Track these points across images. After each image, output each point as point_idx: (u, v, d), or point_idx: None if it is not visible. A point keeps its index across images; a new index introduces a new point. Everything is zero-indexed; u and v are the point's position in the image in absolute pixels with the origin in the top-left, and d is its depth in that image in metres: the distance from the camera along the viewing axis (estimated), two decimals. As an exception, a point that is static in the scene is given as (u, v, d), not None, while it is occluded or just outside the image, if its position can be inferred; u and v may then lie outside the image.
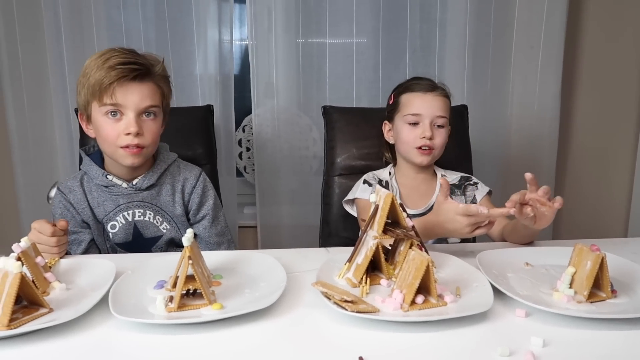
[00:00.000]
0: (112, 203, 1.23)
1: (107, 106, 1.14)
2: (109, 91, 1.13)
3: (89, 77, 1.14)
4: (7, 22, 1.86)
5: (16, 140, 1.94)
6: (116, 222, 1.24)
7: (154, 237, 1.26)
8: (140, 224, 1.25)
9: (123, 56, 1.15)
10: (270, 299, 0.81)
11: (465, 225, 0.99)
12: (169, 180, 1.27)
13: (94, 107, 1.16)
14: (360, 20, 1.94)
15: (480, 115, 1.97)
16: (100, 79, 1.12)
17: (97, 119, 1.17)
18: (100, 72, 1.13)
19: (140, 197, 1.24)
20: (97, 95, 1.14)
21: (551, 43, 1.94)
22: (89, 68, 1.15)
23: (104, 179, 1.22)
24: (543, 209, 1.03)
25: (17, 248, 0.83)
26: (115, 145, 1.16)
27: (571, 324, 0.76)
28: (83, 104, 1.19)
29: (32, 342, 0.73)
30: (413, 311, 0.78)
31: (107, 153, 1.21)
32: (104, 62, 1.13)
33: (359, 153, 1.57)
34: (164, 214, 1.26)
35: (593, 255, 0.81)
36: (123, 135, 1.15)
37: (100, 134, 1.18)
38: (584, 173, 2.17)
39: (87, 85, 1.14)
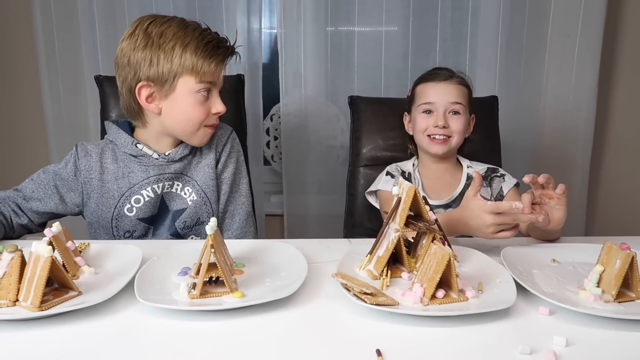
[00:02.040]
0: (140, 174, 1.18)
1: (205, 84, 1.13)
2: (216, 71, 1.13)
3: (180, 49, 1.09)
4: (43, 11, 1.91)
5: (52, 126, 2.01)
6: (141, 195, 1.18)
7: (179, 210, 1.22)
8: (167, 196, 1.21)
9: (214, 33, 1.15)
10: (291, 288, 0.82)
11: (490, 225, 0.96)
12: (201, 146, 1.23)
13: (184, 82, 1.12)
14: (390, 8, 1.91)
15: (512, 106, 1.92)
16: (208, 57, 1.10)
17: (185, 95, 1.13)
18: (203, 48, 1.10)
19: (173, 169, 1.20)
20: (198, 72, 1.11)
21: (589, 32, 1.87)
22: (176, 40, 1.10)
23: (133, 148, 1.17)
24: (553, 203, 1.00)
25: (49, 233, 0.86)
26: (200, 124, 1.16)
27: (597, 324, 0.74)
28: (164, 76, 1.11)
29: (62, 324, 0.76)
30: (433, 305, 0.78)
31: (180, 131, 1.17)
32: (202, 37, 1.11)
33: (385, 144, 1.56)
34: (194, 183, 1.22)
35: (623, 253, 0.78)
36: (211, 114, 1.16)
37: (186, 112, 1.13)
38: (620, 169, 2.09)
39: (183, 59, 1.09)
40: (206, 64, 1.11)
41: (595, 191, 2.11)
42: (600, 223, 2.14)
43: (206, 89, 1.14)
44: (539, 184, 1.02)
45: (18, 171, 2.09)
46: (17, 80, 2.05)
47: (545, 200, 1.02)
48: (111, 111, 1.53)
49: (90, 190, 1.18)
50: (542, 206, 1.02)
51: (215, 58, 1.12)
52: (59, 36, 1.94)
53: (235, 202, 1.27)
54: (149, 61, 1.10)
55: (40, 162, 2.04)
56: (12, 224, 1.16)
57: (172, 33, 1.10)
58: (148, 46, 1.10)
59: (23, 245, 0.95)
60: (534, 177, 1.01)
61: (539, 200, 1.03)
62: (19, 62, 2.03)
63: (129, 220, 1.19)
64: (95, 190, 1.18)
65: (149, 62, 1.10)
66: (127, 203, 1.19)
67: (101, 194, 1.18)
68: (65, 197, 1.19)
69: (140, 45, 1.11)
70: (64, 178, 1.18)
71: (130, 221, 1.19)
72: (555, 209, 1.01)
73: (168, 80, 1.11)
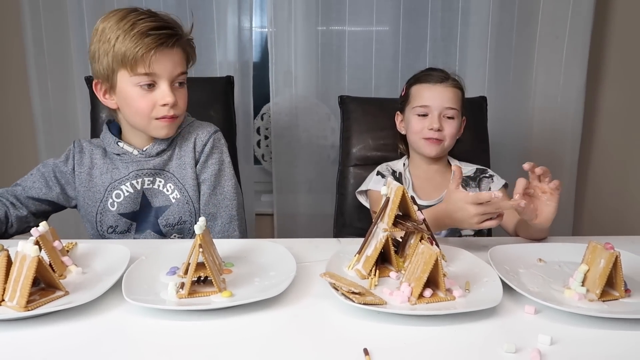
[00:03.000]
0: (123, 171, 1.19)
1: (141, 76, 1.09)
2: (145, 61, 1.07)
3: (112, 43, 1.06)
4: (32, 8, 1.89)
5: (41, 124, 1.99)
6: (121, 190, 1.19)
7: (162, 207, 1.21)
8: (149, 192, 1.21)
9: (150, 20, 1.08)
10: (279, 288, 0.82)
11: (474, 215, 0.97)
12: (180, 142, 1.22)
13: (121, 77, 1.10)
14: (380, 9, 1.91)
15: (501, 107, 1.94)
16: (133, 48, 1.05)
17: (126, 90, 1.11)
18: (130, 39, 1.05)
19: (152, 165, 1.20)
20: (129, 65, 1.07)
21: (577, 33, 1.89)
22: (109, 32, 1.07)
23: (115, 147, 1.20)
24: (545, 198, 1.02)
25: (36, 232, 0.86)
26: (149, 117, 1.13)
27: (581, 323, 0.75)
28: (104, 72, 1.11)
29: (48, 324, 0.76)
30: (420, 305, 0.78)
31: (136, 125, 1.16)
32: (131, 27, 1.06)
33: (375, 144, 1.56)
34: (176, 181, 1.21)
35: (607, 253, 0.79)
36: (159, 106, 1.11)
37: (130, 105, 1.12)
38: (607, 169, 2.12)
39: (113, 53, 1.07)
40: (131, 54, 1.06)
41: (583, 191, 2.13)
42: (588, 222, 2.17)
43: (147, 81, 1.10)
44: (536, 174, 1.03)
45: (6, 168, 2.08)
46: (5, 78, 2.03)
47: (538, 194, 1.03)
48: (101, 111, 1.53)
49: (80, 183, 1.21)
50: (533, 199, 1.03)
51: (141, 47, 1.06)
52: (47, 34, 1.92)
53: (217, 205, 1.23)
54: (95, 58, 1.11)
55: (29, 159, 2.04)
56: (9, 219, 1.16)
57: (109, 27, 1.08)
58: (94, 42, 1.11)
59: (9, 244, 0.95)
60: (534, 166, 1.02)
61: (532, 192, 1.03)
62: (7, 60, 2.01)
63: (111, 214, 1.21)
64: (83, 184, 1.21)
65: (96, 59, 1.11)
66: (109, 197, 1.20)
67: (88, 187, 1.21)
68: (66, 188, 1.23)
69: (92, 41, 1.12)
70: (63, 171, 1.22)
71: (112, 216, 1.21)
72: (546, 204, 1.03)
73: (109, 76, 1.11)
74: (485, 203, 0.97)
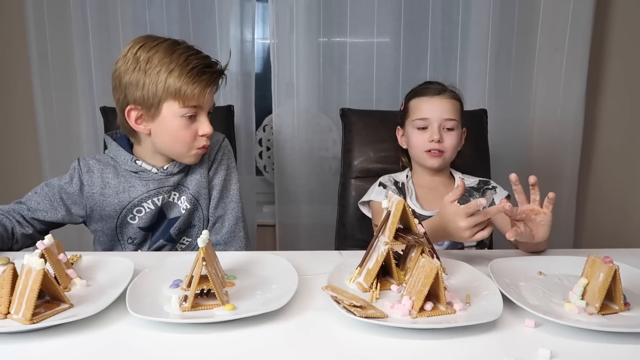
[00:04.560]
0: (141, 188, 1.22)
1: (190, 109, 1.14)
2: (200, 96, 1.14)
3: (164, 75, 1.11)
4: (37, 22, 1.91)
5: (44, 136, 2.01)
6: (143, 207, 1.23)
7: (175, 218, 1.26)
8: (166, 205, 1.25)
9: (201, 57, 1.15)
10: (281, 301, 0.83)
11: (465, 228, 0.98)
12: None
13: (168, 107, 1.14)
14: (381, 21, 1.93)
15: (502, 118, 1.95)
16: (192, 84, 1.12)
17: (170, 120, 1.15)
18: (186, 75, 1.11)
19: (172, 182, 1.24)
20: (182, 98, 1.13)
21: (576, 45, 1.91)
22: (160, 65, 1.11)
23: (133, 165, 1.21)
24: (538, 219, 1.02)
25: (41, 245, 0.87)
26: (190, 146, 1.18)
27: (581, 336, 0.76)
28: (148, 100, 1.14)
29: (54, 336, 0.76)
30: (421, 318, 0.79)
31: (170, 152, 1.20)
32: (186, 63, 1.12)
33: (376, 156, 1.57)
34: (188, 192, 1.25)
35: (606, 267, 0.80)
36: (199, 136, 1.17)
37: (172, 134, 1.16)
38: (608, 180, 2.13)
39: (165, 85, 1.12)
40: (189, 89, 1.12)
41: (584, 202, 2.14)
42: (589, 234, 2.17)
43: (192, 113, 1.16)
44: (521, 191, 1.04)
45: (9, 179, 2.09)
46: (10, 90, 2.05)
47: (531, 217, 1.04)
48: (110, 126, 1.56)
49: (93, 204, 1.22)
50: (527, 222, 1.04)
51: (199, 84, 1.13)
52: (52, 46, 1.94)
53: (225, 207, 1.30)
54: (135, 85, 1.13)
55: (32, 170, 2.06)
56: (14, 235, 1.18)
57: (159, 59, 1.12)
58: (136, 70, 1.13)
59: (15, 257, 0.96)
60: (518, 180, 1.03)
61: (523, 216, 1.04)
62: (12, 71, 2.03)
63: (132, 227, 1.25)
64: (97, 204, 1.22)
65: (136, 85, 1.13)
66: (129, 214, 1.23)
67: (103, 207, 1.22)
68: (72, 209, 1.23)
69: (129, 68, 1.14)
70: (69, 192, 1.22)
71: (132, 229, 1.25)
72: (540, 224, 1.03)
73: (153, 105, 1.14)
74: (475, 213, 0.97)
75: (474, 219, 0.98)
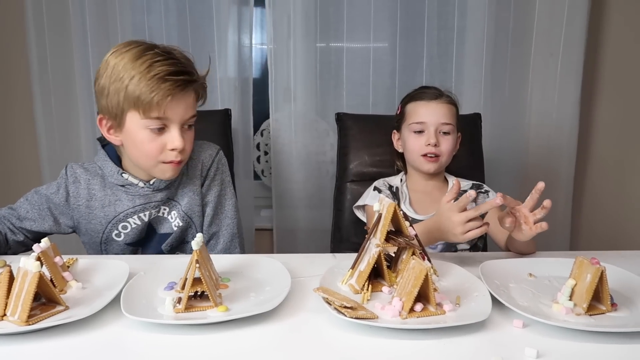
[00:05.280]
0: (127, 203, 1.17)
1: (153, 120, 1.05)
2: (160, 107, 1.03)
3: (125, 83, 1.02)
4: (37, 28, 1.93)
5: (44, 141, 2.02)
6: (128, 223, 1.18)
7: (165, 234, 1.22)
8: (155, 220, 1.20)
9: (168, 63, 1.04)
10: (274, 302, 0.84)
11: (458, 224, 0.99)
12: (186, 170, 1.21)
13: (131, 118, 1.06)
14: (377, 27, 1.95)
15: (498, 123, 1.97)
16: (149, 92, 1.02)
17: (135, 131, 1.07)
18: (146, 82, 1.01)
19: (159, 197, 1.18)
20: (142, 108, 1.03)
21: (571, 51, 1.92)
22: (123, 71, 1.03)
23: (119, 177, 1.16)
24: (524, 228, 1.03)
25: (37, 248, 0.88)
26: (156, 160, 1.10)
27: (568, 336, 0.77)
28: (112, 110, 1.06)
29: (49, 338, 0.78)
30: (411, 319, 0.80)
31: (140, 165, 1.13)
32: (148, 70, 1.02)
33: (371, 160, 1.59)
34: (179, 208, 1.20)
35: (593, 268, 0.81)
36: (167, 150, 1.08)
37: (138, 147, 1.09)
38: (603, 184, 2.14)
39: (125, 94, 1.03)
40: (147, 99, 1.02)
41: (580, 206, 2.15)
42: (585, 237, 2.18)
43: (157, 125, 1.06)
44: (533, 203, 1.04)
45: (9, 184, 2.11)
46: (9, 95, 2.07)
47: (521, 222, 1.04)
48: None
49: (79, 216, 1.19)
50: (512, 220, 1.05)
51: (159, 92, 1.02)
52: (51, 52, 1.96)
53: (219, 224, 1.26)
54: (101, 93, 1.07)
55: (32, 175, 2.07)
56: (8, 241, 1.18)
57: (122, 65, 1.03)
58: (103, 77, 1.06)
59: (12, 260, 0.98)
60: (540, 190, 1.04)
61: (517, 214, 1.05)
62: (12, 77, 2.05)
63: (117, 244, 1.20)
64: (83, 216, 1.19)
65: (102, 93, 1.07)
66: (114, 229, 1.19)
67: (88, 220, 1.19)
68: (59, 219, 1.21)
69: (100, 75, 1.07)
70: (55, 203, 1.19)
71: (118, 245, 1.21)
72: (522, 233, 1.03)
73: (117, 115, 1.07)
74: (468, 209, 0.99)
75: (466, 214, 0.99)
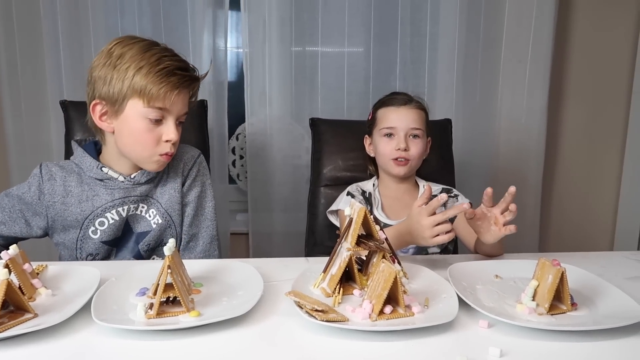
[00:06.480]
0: (105, 197, 1.18)
1: (155, 110, 1.11)
2: (165, 98, 1.10)
3: (132, 72, 1.08)
4: (6, 30, 1.90)
5: (13, 145, 1.99)
6: (106, 218, 1.18)
7: (143, 232, 1.22)
8: (132, 218, 1.21)
9: (175, 59, 1.12)
10: (246, 307, 0.84)
11: (426, 227, 1.03)
12: (167, 168, 1.23)
13: (132, 105, 1.11)
14: (352, 33, 1.98)
15: (469, 128, 2.02)
16: (158, 83, 1.08)
17: (134, 119, 1.11)
18: (155, 74, 1.08)
19: (138, 192, 1.20)
20: (147, 97, 1.09)
21: (538, 57, 1.99)
22: (130, 61, 1.09)
23: (98, 172, 1.17)
24: (493, 229, 1.07)
25: (5, 255, 0.87)
26: (152, 151, 1.14)
27: (531, 336, 0.80)
28: (113, 96, 1.10)
29: (18, 346, 0.77)
30: (381, 321, 0.82)
31: (131, 154, 1.16)
32: (157, 62, 1.09)
33: (345, 164, 1.61)
34: (159, 206, 1.22)
35: (554, 269, 0.84)
36: (163, 142, 1.14)
37: (134, 136, 1.13)
38: (570, 186, 2.21)
39: (131, 82, 1.08)
40: (155, 89, 1.09)
41: (548, 208, 2.21)
42: (554, 239, 2.24)
43: (157, 116, 1.12)
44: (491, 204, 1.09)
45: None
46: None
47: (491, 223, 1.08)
48: (76, 134, 1.55)
49: (54, 213, 1.18)
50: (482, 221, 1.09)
51: (167, 84, 1.10)
52: (21, 55, 1.93)
53: (200, 225, 1.27)
54: (103, 80, 1.11)
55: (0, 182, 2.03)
56: None
57: (130, 55, 1.10)
58: (106, 65, 1.11)
59: (-21, 268, 0.95)
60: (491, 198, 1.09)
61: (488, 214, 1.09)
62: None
63: (92, 242, 1.19)
64: (59, 214, 1.18)
65: (103, 80, 1.11)
66: (91, 226, 1.18)
67: (64, 217, 1.18)
68: (31, 221, 1.19)
69: (101, 63, 1.12)
70: (27, 202, 1.18)
71: (94, 244, 1.19)
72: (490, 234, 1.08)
73: (118, 101, 1.11)
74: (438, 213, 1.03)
75: (434, 218, 1.03)
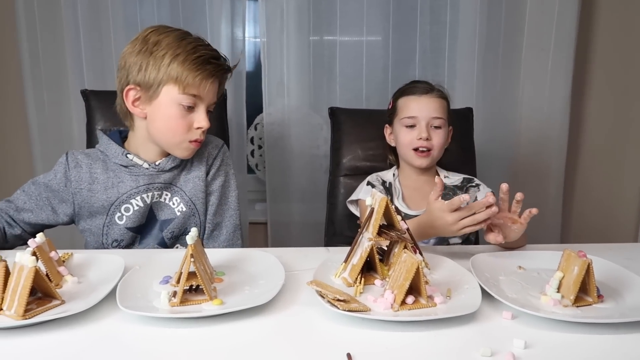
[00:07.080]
0: (130, 184, 1.19)
1: (189, 97, 1.13)
2: (200, 86, 1.13)
3: (169, 59, 1.11)
4: (28, 22, 1.93)
5: (37, 136, 2.02)
6: (131, 205, 1.20)
7: (167, 220, 1.23)
8: (156, 206, 1.22)
9: (209, 49, 1.16)
10: (268, 296, 0.85)
11: (451, 222, 1.03)
12: (191, 157, 1.25)
13: (167, 91, 1.13)
14: (370, 21, 1.96)
15: (489, 117, 1.99)
16: (195, 71, 1.11)
17: (167, 105, 1.14)
18: (191, 62, 1.11)
19: (162, 179, 1.21)
20: (182, 84, 1.12)
21: (562, 45, 1.94)
22: (167, 48, 1.12)
23: (123, 158, 1.20)
24: (514, 227, 1.07)
25: (33, 243, 0.89)
26: (183, 137, 1.16)
27: (555, 328, 0.79)
28: (148, 82, 1.13)
29: (45, 332, 0.79)
30: (403, 311, 0.82)
31: (161, 140, 1.18)
32: (194, 50, 1.12)
33: (364, 154, 1.60)
34: (183, 194, 1.23)
35: (580, 261, 0.83)
36: (194, 129, 1.16)
37: (167, 121, 1.15)
38: (593, 176, 2.17)
39: (168, 69, 1.11)
40: (191, 76, 1.12)
41: (571, 199, 2.18)
42: (576, 229, 2.21)
43: (190, 103, 1.15)
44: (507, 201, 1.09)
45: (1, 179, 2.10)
46: (1, 90, 2.06)
47: (508, 224, 1.08)
48: (97, 124, 1.56)
49: (81, 200, 1.20)
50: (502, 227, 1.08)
51: (202, 72, 1.13)
52: (43, 46, 1.95)
53: (223, 214, 1.28)
54: (139, 66, 1.14)
55: (23, 170, 2.07)
56: (6, 235, 1.18)
57: (167, 43, 1.13)
58: (142, 52, 1.13)
59: (7, 255, 0.98)
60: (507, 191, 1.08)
61: (501, 222, 1.08)
62: (4, 71, 2.04)
63: (118, 228, 1.21)
64: (85, 200, 1.20)
65: (139, 66, 1.14)
66: (117, 211, 1.20)
67: (91, 203, 1.20)
68: (57, 208, 1.21)
69: (136, 50, 1.14)
70: (54, 189, 1.20)
71: (119, 230, 1.21)
72: (513, 231, 1.08)
73: (153, 87, 1.14)
74: (460, 208, 1.02)
75: (459, 214, 1.02)
